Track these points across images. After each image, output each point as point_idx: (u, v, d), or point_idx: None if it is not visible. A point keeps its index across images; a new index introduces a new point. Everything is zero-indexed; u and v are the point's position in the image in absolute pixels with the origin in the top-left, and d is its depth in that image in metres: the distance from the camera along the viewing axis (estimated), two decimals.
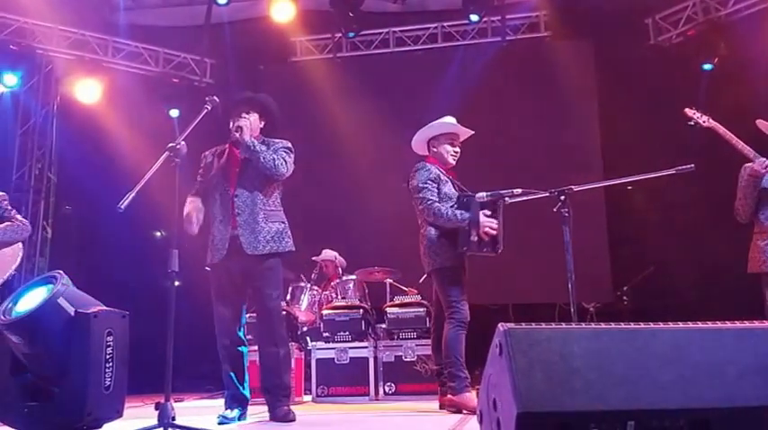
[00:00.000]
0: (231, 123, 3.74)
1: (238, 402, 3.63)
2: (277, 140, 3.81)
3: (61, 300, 2.36)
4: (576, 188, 3.34)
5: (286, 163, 3.70)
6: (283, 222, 3.77)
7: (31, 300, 2.48)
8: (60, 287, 2.36)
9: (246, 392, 3.68)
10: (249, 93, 3.92)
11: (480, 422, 1.94)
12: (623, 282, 7.27)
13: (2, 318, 2.40)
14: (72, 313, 2.37)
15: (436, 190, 4.02)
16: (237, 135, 3.64)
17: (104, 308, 2.45)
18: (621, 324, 1.84)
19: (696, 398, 1.72)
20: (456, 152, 4.20)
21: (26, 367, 2.37)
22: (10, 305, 2.48)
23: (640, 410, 1.70)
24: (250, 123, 3.72)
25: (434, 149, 4.21)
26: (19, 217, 4.23)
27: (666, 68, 7.44)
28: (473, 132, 4.26)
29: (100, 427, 2.40)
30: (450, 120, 4.26)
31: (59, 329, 2.33)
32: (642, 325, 1.85)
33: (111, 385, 2.36)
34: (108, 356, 2.36)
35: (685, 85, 7.01)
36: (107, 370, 2.35)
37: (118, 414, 2.42)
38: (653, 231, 7.23)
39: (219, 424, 3.46)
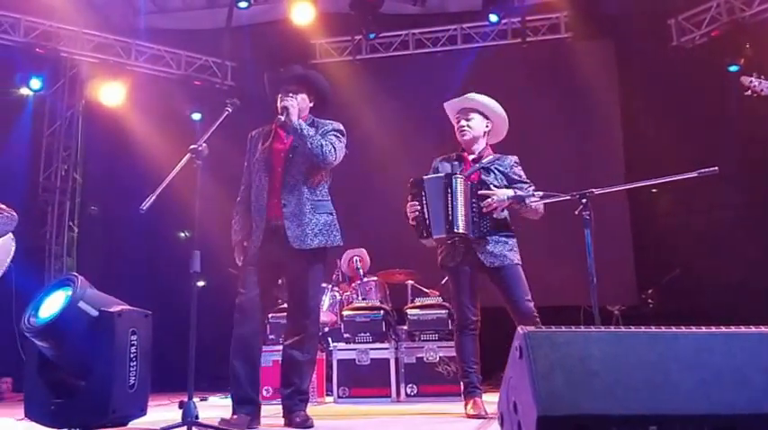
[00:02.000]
0: (278, 101, 3.45)
1: (248, 405, 3.25)
2: (327, 122, 3.54)
3: (82, 304, 2.38)
4: (596, 191, 3.30)
5: (335, 149, 3.41)
6: (331, 213, 3.50)
7: (51, 305, 2.49)
8: (78, 291, 2.38)
9: (257, 395, 3.35)
10: (299, 68, 3.63)
11: (501, 424, 1.94)
12: (648, 285, 7.20)
13: (26, 325, 2.43)
14: (94, 314, 2.40)
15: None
16: (284, 117, 3.38)
17: (128, 307, 2.49)
18: (642, 327, 1.83)
19: (720, 404, 1.70)
20: (461, 126, 3.98)
21: (53, 365, 2.42)
22: (32, 312, 2.49)
23: (662, 415, 1.68)
24: (297, 103, 3.43)
25: None
26: (2, 206, 4.05)
27: (690, 70, 7.35)
28: (457, 102, 4.06)
29: (125, 425, 2.44)
30: (467, 95, 4.08)
31: (83, 331, 2.37)
32: (664, 328, 1.84)
33: (136, 383, 2.40)
34: (132, 355, 2.40)
35: (709, 87, 6.94)
36: (131, 368, 2.39)
37: (142, 412, 2.45)
38: (678, 233, 7.16)
39: None
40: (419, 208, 3.80)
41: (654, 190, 7.11)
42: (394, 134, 7.89)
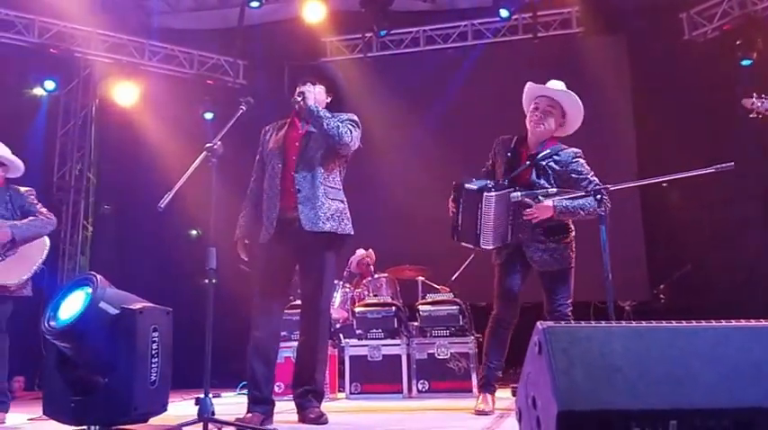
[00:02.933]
0: (296, 92, 3.46)
1: (263, 405, 3.28)
2: (343, 113, 3.54)
3: (102, 304, 2.39)
4: (612, 187, 3.28)
5: (351, 132, 3.42)
6: (343, 202, 3.51)
7: (71, 306, 2.49)
8: (99, 291, 2.40)
9: (271, 394, 3.36)
10: (317, 62, 3.67)
11: (519, 420, 1.94)
12: (660, 280, 7.17)
13: (47, 327, 2.43)
14: (114, 313, 2.41)
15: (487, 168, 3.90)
16: (300, 100, 3.39)
17: (149, 304, 2.50)
18: (663, 322, 1.83)
19: (741, 398, 1.70)
20: (538, 116, 3.76)
21: (73, 362, 2.44)
22: (51, 314, 2.49)
23: (683, 410, 1.68)
24: (315, 94, 3.46)
25: None
26: (44, 211, 4.23)
27: (702, 64, 7.32)
28: (557, 91, 3.86)
29: (145, 421, 2.46)
30: (549, 84, 3.90)
31: (105, 330, 2.37)
32: (684, 323, 1.84)
33: (157, 380, 2.42)
34: (153, 352, 2.42)
35: (722, 82, 6.90)
36: (153, 365, 2.40)
37: (163, 408, 2.47)
38: (690, 228, 7.14)
39: None
40: (454, 211, 3.74)
41: (664, 184, 7.08)
42: (405, 130, 7.92)
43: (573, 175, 3.67)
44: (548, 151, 3.73)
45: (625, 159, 7.55)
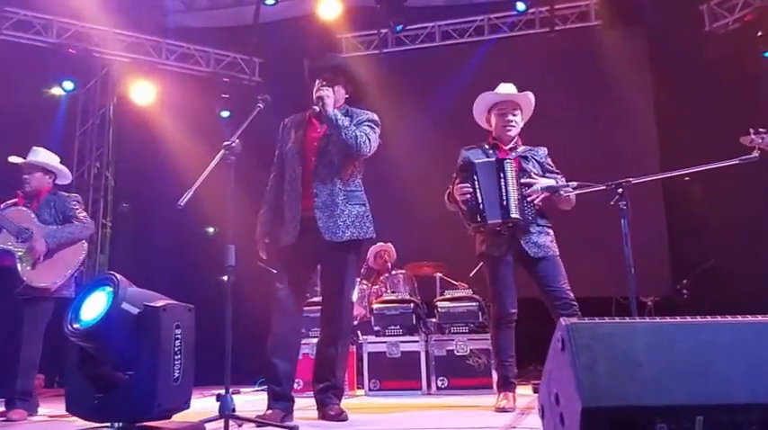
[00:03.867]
0: (314, 90, 3.44)
1: (283, 401, 3.27)
2: (362, 112, 3.52)
3: (125, 304, 2.40)
4: (633, 181, 3.23)
5: (369, 140, 3.39)
6: (364, 204, 3.47)
7: (93, 307, 2.50)
8: (120, 291, 2.41)
9: (291, 391, 3.35)
10: (338, 59, 3.63)
11: (542, 417, 1.92)
12: (683, 275, 7.09)
13: (70, 330, 2.44)
14: (137, 312, 2.42)
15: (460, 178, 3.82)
16: (318, 107, 3.35)
17: (171, 301, 2.52)
18: (688, 317, 1.80)
19: (767, 393, 1.67)
20: (510, 121, 3.87)
21: (95, 360, 2.45)
22: (73, 315, 2.49)
23: (709, 405, 1.66)
24: (333, 93, 3.42)
25: (490, 124, 4.00)
26: (81, 216, 4.38)
27: (723, 56, 7.20)
28: (515, 93, 3.95)
29: (168, 418, 2.48)
30: (501, 89, 3.98)
31: (128, 330, 2.39)
32: (709, 318, 1.81)
33: (180, 377, 2.43)
34: (177, 348, 2.43)
35: (744, 73, 6.78)
36: (176, 362, 2.41)
37: (186, 405, 2.48)
38: (713, 222, 7.02)
39: None
40: (470, 191, 3.71)
41: (687, 178, 6.98)
42: (420, 127, 7.89)
43: (549, 168, 3.91)
44: (524, 148, 3.93)
45: (646, 152, 7.47)
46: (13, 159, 4.41)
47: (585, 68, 7.76)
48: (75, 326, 2.42)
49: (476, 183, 3.71)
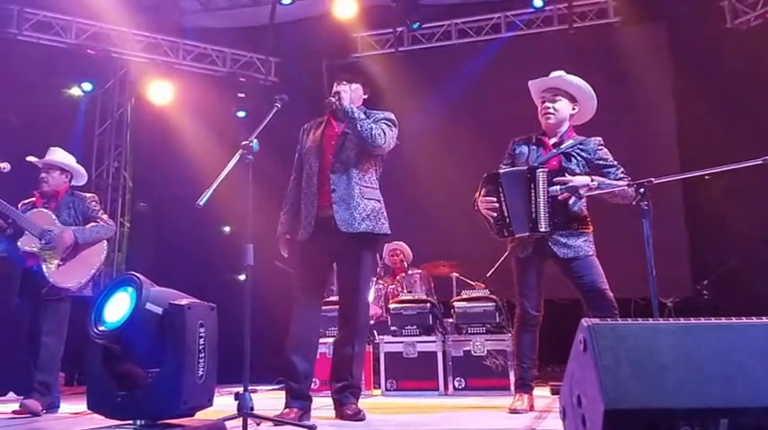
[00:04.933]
0: (332, 91, 3.48)
1: (302, 400, 3.30)
2: (379, 112, 3.54)
3: (149, 305, 2.41)
4: (656, 181, 3.16)
5: (385, 134, 3.41)
6: (380, 201, 3.49)
7: (116, 308, 2.51)
8: (144, 292, 2.42)
9: (309, 390, 3.38)
10: (354, 59, 3.67)
11: (563, 418, 1.90)
12: (703, 276, 7.00)
13: (95, 332, 2.45)
14: (161, 312, 2.43)
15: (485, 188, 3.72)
16: (335, 100, 3.40)
17: (195, 300, 2.53)
18: (712, 319, 1.77)
19: None
20: (546, 108, 3.74)
21: (118, 357, 2.46)
22: (97, 317, 2.50)
23: (734, 408, 1.63)
24: (351, 92, 3.47)
25: None
26: (104, 217, 4.43)
27: (745, 53, 7.10)
28: (542, 81, 3.82)
29: (192, 416, 2.49)
30: (556, 73, 3.84)
31: (153, 329, 2.41)
32: (734, 319, 1.78)
33: (204, 375, 2.45)
34: (201, 346, 2.45)
35: (766, 71, 6.68)
36: (200, 360, 2.43)
37: (209, 402, 2.50)
38: (734, 222, 6.92)
39: None
40: (497, 205, 3.63)
41: (707, 177, 6.89)
42: (437, 126, 7.86)
43: (600, 162, 3.66)
44: (571, 141, 3.73)
45: (667, 151, 7.39)
46: (31, 159, 4.44)
47: (604, 66, 7.67)
48: (101, 328, 2.43)
49: (501, 195, 3.62)
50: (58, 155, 4.48)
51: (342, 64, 3.62)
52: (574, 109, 3.81)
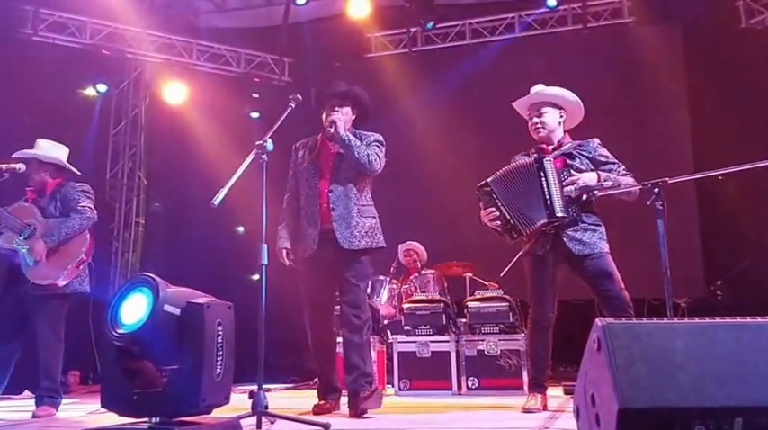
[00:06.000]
0: (324, 115, 3.78)
1: (333, 392, 3.78)
2: (369, 133, 3.84)
3: (167, 307, 2.43)
4: (670, 180, 3.15)
5: (379, 159, 3.74)
6: (375, 217, 3.80)
7: (133, 309, 2.51)
8: (161, 294, 2.43)
9: (338, 382, 3.83)
10: (344, 85, 3.86)
11: (577, 418, 1.91)
12: (717, 276, 6.95)
13: (114, 335, 2.46)
14: (179, 313, 2.45)
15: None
16: (332, 130, 3.67)
17: (213, 299, 2.55)
18: (727, 318, 1.77)
19: None
20: (534, 124, 3.84)
21: (133, 356, 2.48)
22: (114, 321, 2.50)
23: (749, 407, 1.63)
24: (343, 116, 3.75)
25: None
26: (81, 206, 4.20)
27: (760, 53, 7.04)
28: (525, 100, 3.92)
29: (209, 413, 2.52)
30: (531, 91, 3.93)
31: (172, 330, 2.43)
32: (749, 319, 1.77)
33: (222, 373, 2.48)
34: (219, 345, 2.48)
35: None
36: (218, 358, 2.46)
37: (226, 400, 2.52)
38: (748, 222, 6.87)
39: None
40: (497, 213, 3.67)
41: (721, 177, 6.84)
42: (450, 125, 7.85)
43: (601, 159, 3.74)
44: (570, 144, 3.83)
45: (681, 151, 7.36)
46: (16, 155, 4.26)
47: (618, 66, 7.65)
48: (120, 331, 2.44)
49: (498, 201, 3.67)
50: (36, 148, 4.29)
51: (333, 92, 3.83)
52: (562, 116, 3.90)
